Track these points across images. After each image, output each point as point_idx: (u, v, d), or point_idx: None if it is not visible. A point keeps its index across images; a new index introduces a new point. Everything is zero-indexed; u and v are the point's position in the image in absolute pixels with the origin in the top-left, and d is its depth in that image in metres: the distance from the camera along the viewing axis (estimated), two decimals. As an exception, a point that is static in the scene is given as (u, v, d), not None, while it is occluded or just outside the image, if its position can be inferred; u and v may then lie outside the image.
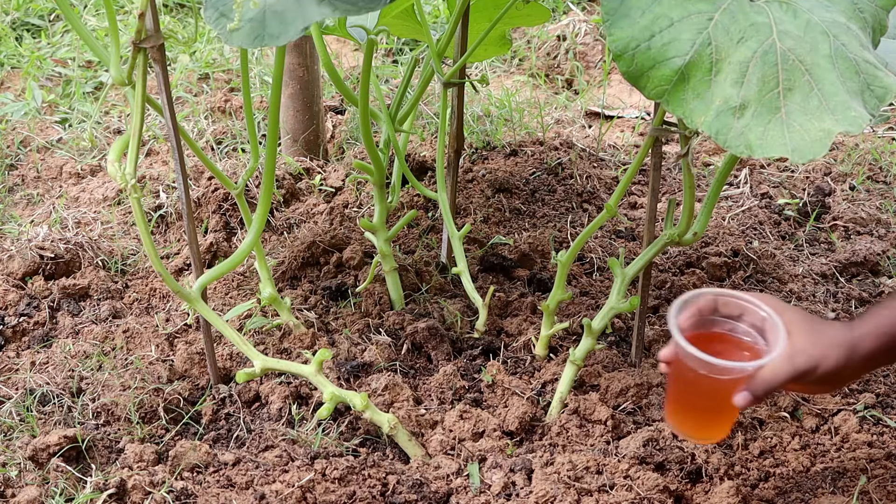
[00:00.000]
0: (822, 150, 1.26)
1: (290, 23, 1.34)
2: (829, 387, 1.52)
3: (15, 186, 2.52)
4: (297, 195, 2.38)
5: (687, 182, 1.68)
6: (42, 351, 1.89)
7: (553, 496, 1.53)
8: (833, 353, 1.44)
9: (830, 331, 1.46)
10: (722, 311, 1.48)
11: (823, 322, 1.48)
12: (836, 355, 1.44)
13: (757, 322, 1.46)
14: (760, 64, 1.31)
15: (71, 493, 1.56)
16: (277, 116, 1.67)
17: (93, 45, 1.52)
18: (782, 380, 1.41)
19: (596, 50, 3.26)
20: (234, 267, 1.70)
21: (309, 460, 1.62)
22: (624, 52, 1.32)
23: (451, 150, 1.99)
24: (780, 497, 1.57)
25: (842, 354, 1.44)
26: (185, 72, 3.03)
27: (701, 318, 1.47)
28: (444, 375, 1.79)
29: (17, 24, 3.38)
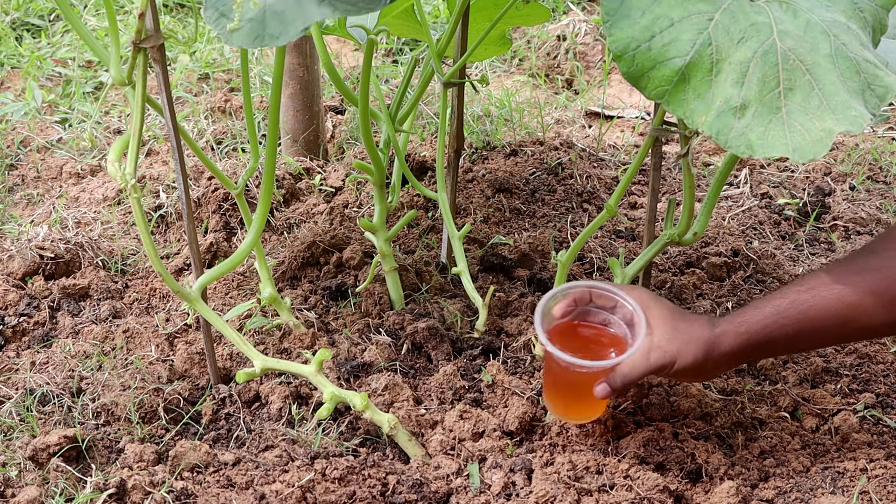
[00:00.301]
0: (823, 150, 1.26)
1: (291, 23, 1.34)
2: (694, 378, 1.61)
3: (15, 186, 2.52)
4: (297, 195, 2.38)
5: (687, 182, 1.68)
6: (42, 351, 1.89)
7: (553, 496, 1.53)
8: (690, 349, 1.50)
9: (691, 327, 1.52)
10: (597, 302, 1.60)
11: (687, 318, 1.54)
12: (693, 352, 1.50)
13: (627, 315, 1.57)
14: (761, 64, 1.31)
15: (71, 493, 1.56)
16: (277, 116, 1.67)
17: (93, 45, 1.52)
18: (638, 374, 1.51)
19: (596, 50, 3.26)
20: (234, 267, 1.70)
21: (309, 460, 1.62)
22: (624, 53, 1.32)
23: (451, 150, 1.99)
24: (780, 497, 1.57)
25: (699, 351, 1.50)
26: (185, 72, 3.03)
27: (577, 307, 1.60)
28: (444, 375, 1.79)
29: (17, 24, 3.38)
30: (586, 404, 1.60)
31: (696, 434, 1.68)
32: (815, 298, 1.47)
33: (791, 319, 1.48)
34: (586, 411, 1.63)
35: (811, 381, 1.85)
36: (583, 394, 1.57)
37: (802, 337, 1.50)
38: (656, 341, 1.52)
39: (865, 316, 1.44)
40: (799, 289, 1.50)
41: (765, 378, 1.85)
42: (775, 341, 1.51)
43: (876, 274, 1.44)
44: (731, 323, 1.52)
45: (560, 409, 1.65)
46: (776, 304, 1.50)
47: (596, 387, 1.53)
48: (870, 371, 1.88)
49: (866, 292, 1.43)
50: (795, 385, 1.82)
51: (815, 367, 1.86)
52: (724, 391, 1.80)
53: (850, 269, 1.46)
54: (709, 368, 1.54)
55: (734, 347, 1.51)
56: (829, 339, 1.52)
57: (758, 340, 1.50)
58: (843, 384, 1.83)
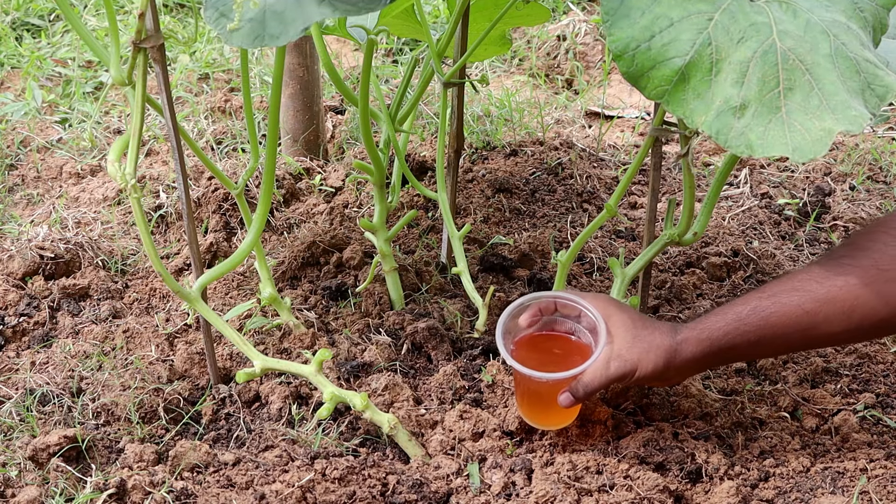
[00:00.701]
0: (823, 150, 1.26)
1: (291, 23, 1.34)
2: (656, 384, 1.63)
3: (15, 186, 2.52)
4: (297, 195, 2.38)
5: (687, 182, 1.68)
6: (42, 351, 1.89)
7: (553, 496, 1.53)
8: (651, 357, 1.52)
9: (652, 335, 1.53)
10: (562, 311, 1.63)
11: (649, 326, 1.55)
12: (654, 360, 1.52)
13: (591, 324, 1.60)
14: (761, 64, 1.31)
15: (71, 493, 1.56)
16: (277, 116, 1.67)
17: (93, 45, 1.52)
18: (599, 383, 1.53)
19: (596, 50, 3.26)
20: (234, 267, 1.70)
21: (309, 460, 1.62)
22: (624, 53, 1.32)
23: (451, 150, 1.99)
24: (780, 497, 1.57)
25: (660, 359, 1.52)
26: (185, 72, 3.03)
27: (543, 317, 1.63)
28: (444, 375, 1.79)
29: (17, 24, 3.38)
30: (555, 412, 1.62)
31: (696, 434, 1.68)
32: (775, 305, 1.48)
33: (753, 326, 1.49)
34: (556, 418, 1.65)
35: (811, 381, 1.85)
36: (550, 403, 1.60)
37: (764, 344, 1.50)
38: (616, 350, 1.53)
39: (826, 323, 1.45)
40: (760, 295, 1.51)
41: (765, 378, 1.85)
42: (738, 348, 1.51)
43: (836, 281, 1.44)
44: (694, 330, 1.53)
45: (532, 418, 1.67)
46: (738, 310, 1.51)
47: (559, 397, 1.56)
48: (870, 371, 1.88)
49: (824, 300, 1.44)
50: (795, 385, 1.82)
51: (815, 367, 1.86)
52: (724, 391, 1.81)
53: (811, 277, 1.47)
54: (671, 375, 1.55)
55: (696, 354, 1.52)
56: (793, 346, 1.54)
57: (720, 347, 1.51)
58: (843, 384, 1.83)
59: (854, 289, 1.42)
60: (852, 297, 1.42)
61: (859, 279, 1.42)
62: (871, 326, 1.45)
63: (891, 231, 1.44)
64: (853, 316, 1.43)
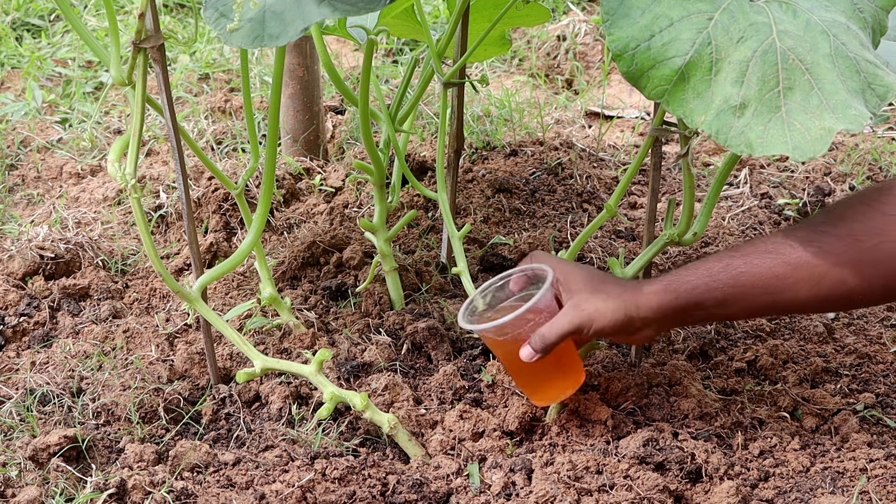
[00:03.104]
0: (823, 149, 1.26)
1: (290, 23, 1.34)
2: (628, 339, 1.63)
3: (15, 186, 2.52)
4: (297, 195, 2.38)
5: (687, 182, 1.68)
6: (42, 351, 1.89)
7: (553, 496, 1.53)
8: (609, 306, 1.51)
9: (612, 287, 1.54)
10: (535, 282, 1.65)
11: (610, 280, 1.56)
12: (612, 309, 1.51)
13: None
14: (760, 63, 1.31)
15: (71, 493, 1.56)
16: (277, 116, 1.67)
17: (93, 45, 1.52)
18: (556, 333, 1.53)
19: (596, 50, 3.26)
20: (234, 267, 1.70)
21: (309, 460, 1.63)
22: (624, 52, 1.32)
23: (451, 150, 1.99)
24: (780, 497, 1.57)
25: (619, 308, 1.51)
26: (185, 72, 3.03)
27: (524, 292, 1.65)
28: (444, 375, 1.79)
29: (17, 24, 3.38)
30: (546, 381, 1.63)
31: (696, 434, 1.68)
32: (747, 265, 1.47)
33: (721, 283, 1.48)
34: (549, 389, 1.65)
35: (811, 381, 1.85)
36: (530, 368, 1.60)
37: (731, 303, 1.49)
38: (575, 301, 1.54)
39: (794, 288, 1.44)
40: (734, 254, 1.50)
41: (765, 378, 1.85)
42: (704, 304, 1.50)
43: (809, 248, 1.43)
44: (661, 282, 1.53)
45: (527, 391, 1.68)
46: (709, 266, 1.51)
47: (520, 352, 1.56)
48: (870, 371, 1.88)
49: (796, 265, 1.43)
50: (795, 385, 1.82)
51: (815, 367, 1.86)
52: (724, 391, 1.81)
53: (786, 241, 1.46)
54: (637, 327, 1.54)
55: (662, 305, 1.51)
56: (759, 308, 1.52)
57: (687, 301, 1.50)
58: (843, 384, 1.83)
59: (827, 257, 1.41)
60: (824, 265, 1.41)
61: (832, 248, 1.41)
62: (838, 297, 1.43)
63: (870, 203, 1.42)
64: (822, 284, 1.42)
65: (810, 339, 1.96)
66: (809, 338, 1.97)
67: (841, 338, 1.98)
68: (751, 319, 2.00)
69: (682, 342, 1.92)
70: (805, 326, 1.99)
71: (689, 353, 1.90)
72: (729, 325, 2.00)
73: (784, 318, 2.03)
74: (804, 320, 2.01)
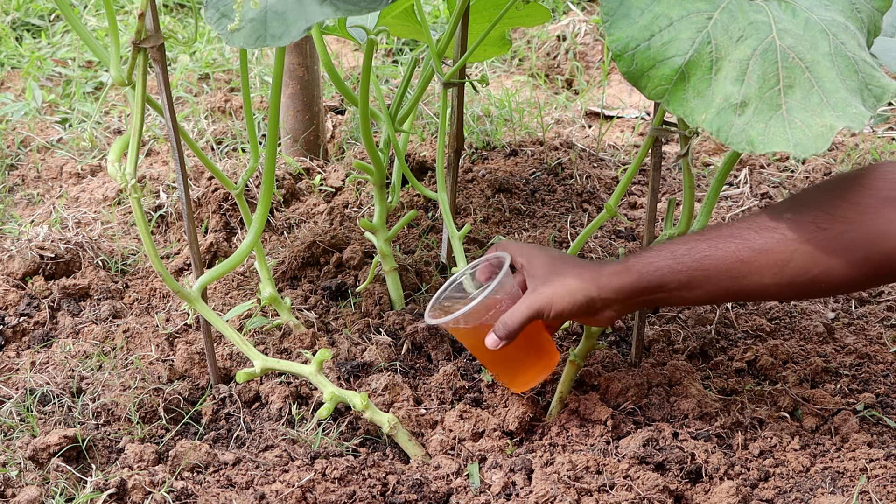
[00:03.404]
0: (825, 145, 1.26)
1: (292, 23, 1.34)
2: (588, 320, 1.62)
3: (15, 186, 2.52)
4: (297, 195, 2.38)
5: (687, 182, 1.68)
6: (42, 351, 1.89)
7: (553, 496, 1.53)
8: (567, 288, 1.52)
9: (572, 269, 1.54)
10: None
11: (570, 262, 1.57)
12: (570, 290, 1.52)
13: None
14: (760, 62, 1.31)
15: (71, 493, 1.56)
16: (277, 116, 1.67)
17: (93, 46, 1.52)
18: (518, 319, 1.54)
19: (596, 50, 3.26)
20: (234, 267, 1.70)
21: (309, 460, 1.63)
22: (624, 52, 1.32)
23: (451, 150, 1.99)
24: (780, 497, 1.57)
25: (578, 289, 1.51)
26: (185, 72, 3.03)
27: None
28: (444, 375, 1.79)
29: (17, 24, 3.38)
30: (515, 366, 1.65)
31: (696, 434, 1.68)
32: (711, 249, 1.46)
33: (685, 266, 1.47)
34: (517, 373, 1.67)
35: (811, 381, 1.85)
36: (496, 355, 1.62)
37: (694, 286, 1.48)
38: (534, 285, 1.55)
39: (758, 274, 1.43)
40: (698, 238, 1.49)
41: (765, 378, 1.85)
42: (667, 286, 1.49)
43: (773, 234, 1.43)
44: (622, 263, 1.53)
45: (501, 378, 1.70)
46: (673, 249, 1.50)
47: (486, 339, 1.57)
48: (870, 371, 1.88)
49: (760, 250, 1.43)
50: (795, 385, 1.82)
51: (815, 367, 1.86)
52: (724, 391, 1.81)
53: (750, 226, 1.45)
54: (598, 308, 1.54)
55: (623, 286, 1.51)
56: (723, 293, 1.50)
57: (649, 282, 1.50)
58: (843, 384, 1.83)
59: (790, 243, 1.41)
60: (787, 252, 1.41)
61: (797, 235, 1.41)
62: (801, 284, 1.43)
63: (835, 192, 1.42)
64: (785, 270, 1.42)
65: (810, 339, 1.96)
66: (809, 338, 1.97)
67: (841, 338, 1.98)
68: (714, 305, 2.00)
69: (682, 342, 1.92)
70: (805, 326, 1.99)
71: (689, 353, 1.90)
72: (729, 325, 2.00)
73: (784, 318, 2.03)
74: (804, 320, 2.01)
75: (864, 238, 1.38)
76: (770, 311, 2.05)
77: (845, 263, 1.40)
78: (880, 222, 1.37)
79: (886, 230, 1.36)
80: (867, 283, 1.51)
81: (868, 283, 1.51)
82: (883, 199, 1.37)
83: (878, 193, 1.37)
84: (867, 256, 1.38)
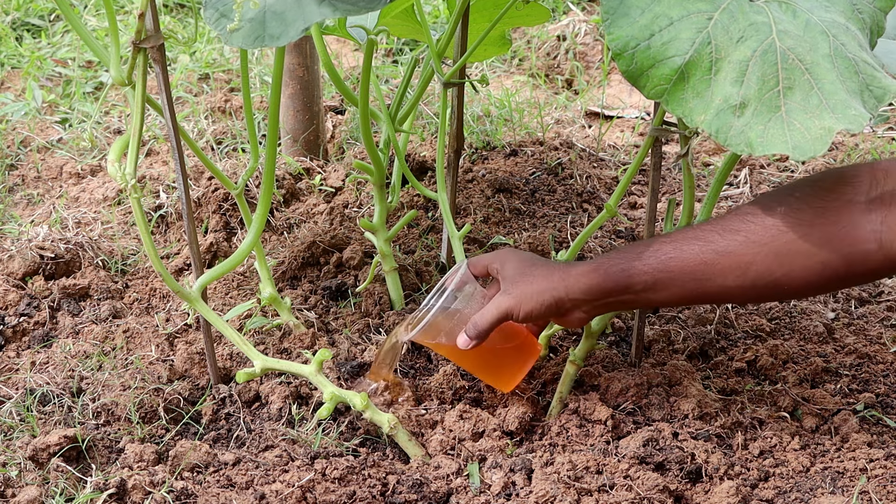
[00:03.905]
0: (823, 148, 1.26)
1: (291, 23, 1.34)
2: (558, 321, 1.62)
3: (15, 186, 2.52)
4: (297, 195, 2.38)
5: (687, 182, 1.68)
6: (42, 351, 1.89)
7: (553, 496, 1.53)
8: (534, 288, 1.54)
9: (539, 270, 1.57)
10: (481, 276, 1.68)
11: (539, 264, 1.58)
12: (537, 291, 1.54)
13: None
14: (760, 63, 1.31)
15: (71, 493, 1.56)
16: (277, 116, 1.67)
17: (93, 46, 1.52)
18: (487, 320, 1.57)
19: (596, 50, 3.26)
20: (234, 267, 1.70)
21: (309, 460, 1.63)
22: (623, 51, 1.32)
23: (451, 150, 1.99)
24: (780, 497, 1.57)
25: (545, 290, 1.54)
26: (185, 72, 3.03)
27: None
28: (444, 375, 1.79)
29: (17, 24, 3.38)
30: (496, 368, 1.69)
31: (696, 434, 1.68)
32: (675, 251, 1.47)
33: (650, 267, 1.48)
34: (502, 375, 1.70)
35: (811, 381, 1.85)
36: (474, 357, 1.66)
37: (661, 288, 1.49)
38: (504, 286, 1.57)
39: (721, 276, 1.44)
40: (664, 240, 1.50)
41: (765, 378, 1.85)
42: (633, 287, 1.50)
43: (736, 236, 1.43)
44: (591, 264, 1.54)
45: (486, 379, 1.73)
46: (640, 250, 1.51)
47: (458, 340, 1.60)
48: (870, 371, 1.88)
49: (723, 253, 1.43)
50: (795, 385, 1.82)
51: (815, 366, 1.86)
52: (724, 391, 1.81)
53: (714, 228, 1.46)
54: (567, 308, 1.55)
55: (591, 285, 1.52)
56: (688, 295, 1.51)
57: (615, 282, 1.51)
58: (843, 384, 1.83)
59: (753, 246, 1.42)
60: (750, 255, 1.42)
61: (759, 237, 1.41)
62: (764, 286, 1.43)
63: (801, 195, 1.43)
64: (748, 272, 1.42)
65: (810, 339, 1.96)
66: (809, 338, 1.97)
67: (841, 338, 1.98)
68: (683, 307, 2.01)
69: (682, 342, 1.92)
70: (805, 326, 1.99)
71: (689, 353, 1.90)
72: (729, 325, 2.00)
73: (784, 318, 2.03)
74: (804, 320, 2.01)
75: (826, 241, 1.39)
76: (770, 311, 2.05)
77: (807, 266, 1.40)
78: (842, 225, 1.37)
79: (848, 233, 1.37)
80: (830, 285, 1.51)
81: (831, 285, 1.52)
82: (846, 202, 1.37)
83: (840, 197, 1.38)
84: (829, 259, 1.39)
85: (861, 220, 1.36)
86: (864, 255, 1.37)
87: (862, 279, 1.59)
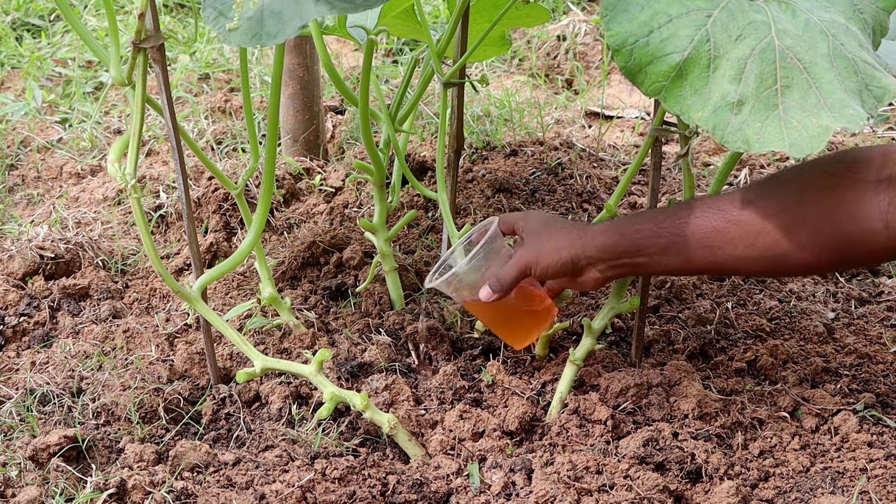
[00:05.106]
0: (820, 145, 1.27)
1: (288, 21, 1.34)
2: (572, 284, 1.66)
3: (15, 186, 2.52)
4: (297, 195, 2.38)
5: (687, 182, 1.68)
6: (42, 351, 1.89)
7: (553, 496, 1.53)
8: (552, 244, 1.59)
9: (559, 228, 1.61)
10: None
11: (559, 222, 1.64)
12: (555, 247, 1.59)
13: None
14: (758, 61, 1.31)
15: (71, 493, 1.56)
16: (277, 116, 1.67)
17: (93, 46, 1.52)
18: (509, 274, 1.62)
19: (596, 50, 3.26)
20: (234, 267, 1.70)
21: (309, 460, 1.63)
22: (622, 48, 1.32)
23: (451, 150, 1.99)
24: (780, 497, 1.57)
25: (563, 246, 1.58)
26: (185, 72, 3.03)
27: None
28: (444, 375, 1.79)
29: (17, 24, 3.38)
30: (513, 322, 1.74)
31: (696, 434, 1.68)
32: (690, 217, 1.50)
33: (665, 231, 1.51)
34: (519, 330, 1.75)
35: (811, 381, 1.85)
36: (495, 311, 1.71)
37: (672, 252, 1.51)
38: (525, 244, 1.63)
39: (731, 245, 1.47)
40: (680, 206, 1.54)
41: (765, 378, 1.85)
42: (647, 249, 1.53)
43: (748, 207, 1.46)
44: (609, 223, 1.59)
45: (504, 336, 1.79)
46: (656, 214, 1.55)
47: (480, 293, 1.65)
48: (870, 371, 1.87)
49: (734, 222, 1.46)
50: (795, 385, 1.82)
51: (815, 367, 1.86)
52: (724, 391, 1.80)
53: (728, 199, 1.49)
54: (583, 266, 1.58)
55: (606, 244, 1.55)
56: (699, 263, 1.54)
57: (631, 243, 1.54)
58: (843, 384, 1.83)
59: (763, 217, 1.44)
60: (759, 224, 1.45)
61: (770, 210, 1.44)
62: (772, 258, 1.45)
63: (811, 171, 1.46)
64: (757, 242, 1.45)
65: (810, 339, 1.96)
66: (809, 338, 1.97)
67: (841, 338, 1.98)
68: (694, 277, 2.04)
69: (682, 342, 1.92)
70: (805, 326, 1.99)
71: (689, 353, 1.90)
72: (729, 325, 2.00)
73: (784, 318, 2.03)
74: (804, 320, 2.01)
75: (829, 220, 1.41)
76: (770, 311, 2.05)
77: (811, 244, 1.43)
78: (849, 202, 1.39)
79: (854, 211, 1.39)
80: (834, 265, 1.55)
81: (835, 265, 1.56)
82: (856, 180, 1.39)
83: (851, 175, 1.40)
84: (831, 238, 1.42)
85: (869, 199, 1.38)
86: (871, 234, 1.39)
87: (866, 260, 1.60)
